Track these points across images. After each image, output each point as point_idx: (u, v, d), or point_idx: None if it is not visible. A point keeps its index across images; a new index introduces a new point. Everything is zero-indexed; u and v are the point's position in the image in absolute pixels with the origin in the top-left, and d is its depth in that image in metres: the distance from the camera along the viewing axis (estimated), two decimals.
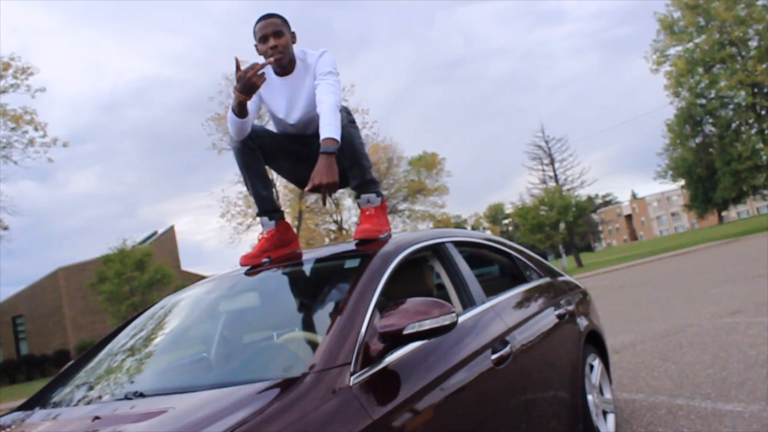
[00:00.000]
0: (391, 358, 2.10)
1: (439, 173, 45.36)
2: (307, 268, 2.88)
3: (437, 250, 2.99)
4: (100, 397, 2.26)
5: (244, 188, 32.05)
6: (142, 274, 29.06)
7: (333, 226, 41.41)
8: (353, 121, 2.98)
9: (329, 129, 2.71)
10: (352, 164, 2.99)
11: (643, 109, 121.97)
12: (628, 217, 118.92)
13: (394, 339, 2.05)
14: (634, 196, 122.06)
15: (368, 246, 2.75)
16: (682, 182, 46.83)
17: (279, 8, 3.06)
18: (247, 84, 2.71)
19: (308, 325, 2.60)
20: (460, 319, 2.63)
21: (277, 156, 3.16)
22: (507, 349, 2.69)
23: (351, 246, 2.88)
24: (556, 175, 48.32)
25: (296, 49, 3.10)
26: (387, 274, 2.47)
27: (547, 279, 3.85)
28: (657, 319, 8.66)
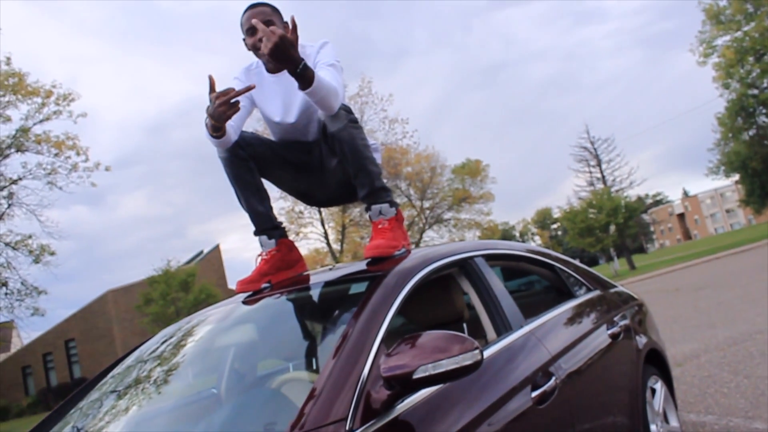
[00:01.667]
0: (401, 407, 1.67)
1: (484, 180, 44.62)
2: (311, 295, 2.47)
3: (465, 267, 2.55)
4: None
5: (285, 203, 31.95)
6: (187, 295, 29.11)
7: None
8: (355, 121, 2.57)
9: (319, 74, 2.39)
10: (357, 170, 2.58)
11: (690, 105, 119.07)
12: (681, 216, 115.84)
13: (403, 384, 1.63)
14: (685, 194, 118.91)
15: (382, 265, 2.33)
16: (737, 177, 45.11)
17: (318, 22, 2.62)
18: (216, 114, 2.33)
19: (309, 365, 2.20)
20: (494, 349, 2.20)
21: (274, 166, 2.77)
22: (551, 382, 2.24)
23: (363, 266, 2.47)
24: (603, 177, 47.24)
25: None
26: (399, 299, 2.04)
27: (596, 292, 3.36)
28: (720, 325, 8.00)
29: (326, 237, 35.21)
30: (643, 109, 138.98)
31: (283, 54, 2.22)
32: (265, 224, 2.72)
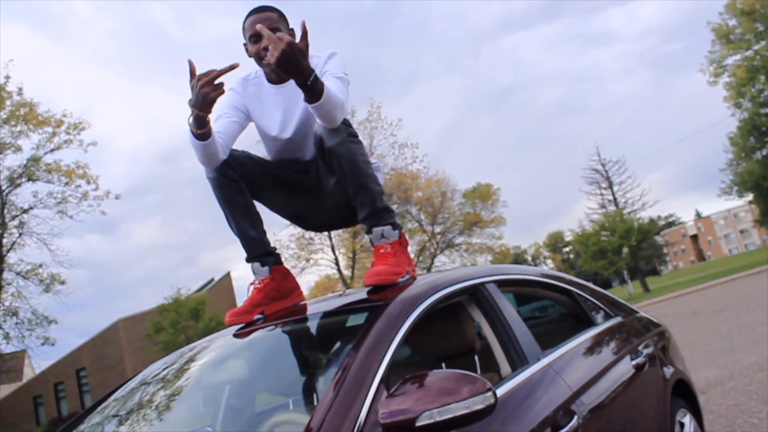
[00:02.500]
0: None
1: (495, 204, 44.40)
2: (308, 327, 2.27)
3: (475, 294, 2.34)
4: None
5: (295, 230, 31.81)
6: (198, 323, 28.87)
7: None
8: (354, 135, 2.38)
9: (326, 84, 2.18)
10: (357, 189, 2.38)
11: (701, 125, 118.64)
12: (694, 238, 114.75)
13: None
14: (698, 215, 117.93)
15: (384, 293, 2.13)
16: (750, 197, 44.67)
17: (336, 50, 2.44)
18: (200, 97, 2.14)
19: (303, 404, 1.99)
20: (509, 386, 1.98)
21: (267, 187, 2.57)
22: (573, 422, 2.01)
23: (363, 294, 2.27)
24: (615, 199, 46.87)
25: None
26: (402, 331, 1.85)
27: (617, 318, 3.12)
28: (743, 350, 7.70)
29: (337, 263, 35.00)
30: (653, 131, 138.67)
31: (291, 64, 2.03)
32: (258, 250, 2.53)
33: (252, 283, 2.50)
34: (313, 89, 2.09)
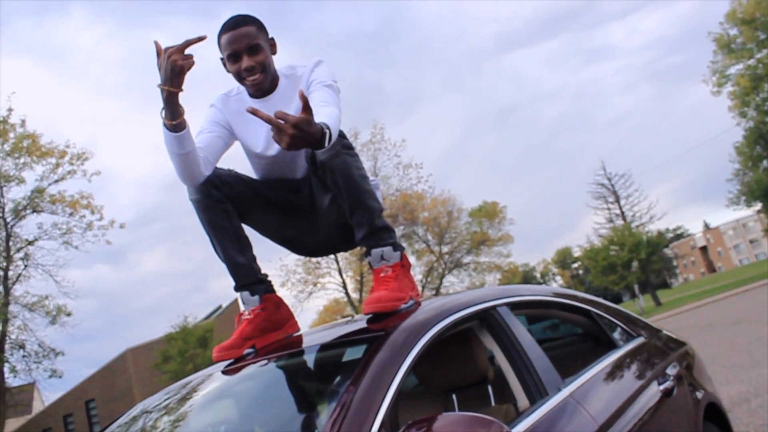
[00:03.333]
0: None
1: (502, 222, 44.11)
2: (303, 361, 2.07)
3: (487, 319, 2.13)
4: None
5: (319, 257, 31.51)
6: (206, 351, 28.60)
7: None
8: (349, 147, 2.18)
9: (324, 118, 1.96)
10: (353, 207, 2.18)
11: (706, 136, 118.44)
12: (703, 249, 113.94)
13: None
14: (706, 226, 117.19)
15: (385, 322, 1.93)
16: (759, 207, 44.29)
17: (336, 73, 2.24)
18: (168, 67, 1.95)
19: None
20: (528, 423, 1.77)
21: (256, 209, 2.37)
22: None
23: (364, 323, 2.06)
24: (623, 213, 46.58)
25: (278, 63, 2.36)
26: (406, 364, 1.66)
27: (640, 339, 2.90)
28: (766, 364, 7.42)
29: (344, 287, 34.72)
30: (658, 143, 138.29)
31: (303, 141, 1.82)
32: (247, 278, 2.32)
33: (241, 314, 2.30)
34: (324, 145, 1.90)
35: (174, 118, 2.04)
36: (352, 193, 2.14)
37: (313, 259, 32.82)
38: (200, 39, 1.99)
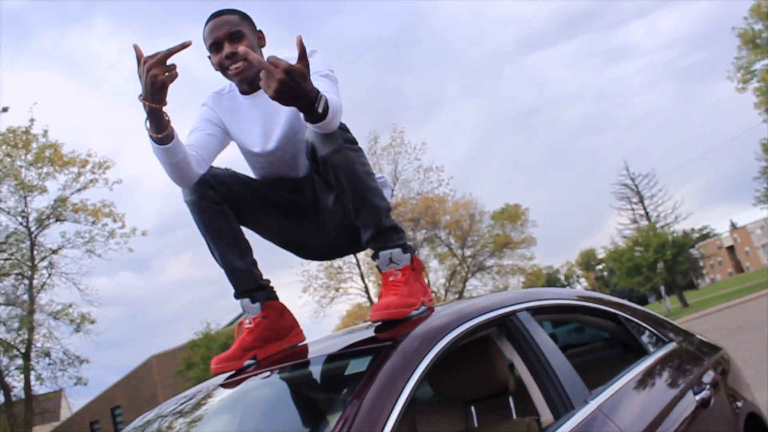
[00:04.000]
0: None
1: (524, 224, 43.73)
2: (308, 373, 1.92)
3: (506, 325, 1.97)
4: None
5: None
6: None
7: None
8: (352, 141, 2.02)
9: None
10: (358, 206, 2.01)
11: (731, 133, 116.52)
12: (730, 249, 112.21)
13: None
14: (733, 225, 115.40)
15: (395, 330, 1.78)
16: None
17: (351, 80, 2.07)
18: (148, 82, 1.80)
19: None
20: None
21: (256, 210, 2.22)
22: None
23: (372, 332, 1.91)
24: (647, 213, 45.99)
25: (268, 54, 2.21)
26: (416, 377, 1.51)
27: (672, 345, 2.71)
28: None
29: (367, 291, 34.56)
30: (682, 142, 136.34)
31: (294, 92, 1.69)
32: (247, 284, 2.17)
33: (241, 323, 2.15)
34: (319, 113, 1.77)
35: (160, 131, 1.91)
36: (356, 191, 1.98)
37: (335, 264, 32.73)
38: (184, 46, 1.83)
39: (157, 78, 1.79)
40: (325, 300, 33.42)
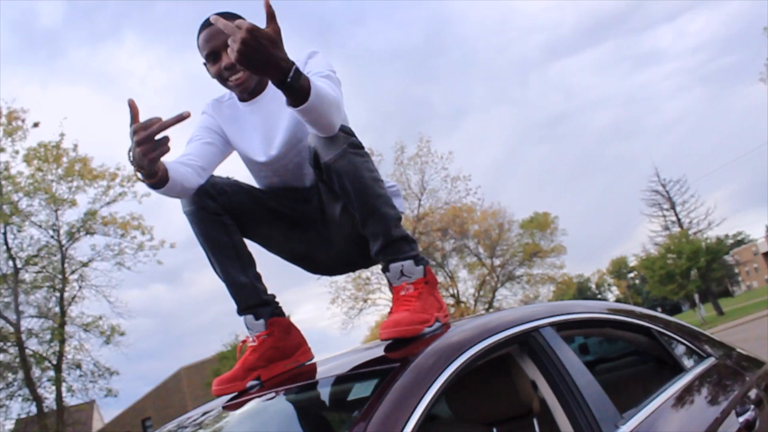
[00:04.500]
0: None
1: (554, 233, 43.32)
2: (316, 395, 1.79)
3: (528, 342, 1.81)
4: None
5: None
6: None
7: (450, 300, 39.95)
8: (358, 146, 1.88)
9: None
10: (365, 215, 1.87)
11: (764, 137, 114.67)
12: (767, 255, 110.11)
13: None
14: None
15: (406, 349, 1.64)
16: None
17: (379, 90, 1.95)
18: (137, 156, 1.67)
19: None
20: None
21: (259, 221, 2.09)
22: None
23: (381, 351, 1.76)
24: (679, 220, 45.31)
25: None
26: (427, 399, 1.38)
27: (711, 360, 2.52)
28: None
29: None
30: (713, 147, 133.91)
31: (259, 57, 1.54)
32: (250, 299, 2.03)
33: (244, 341, 2.02)
34: (295, 87, 1.61)
35: (151, 177, 1.80)
36: (363, 200, 1.84)
37: (363, 275, 32.63)
38: (182, 118, 1.68)
39: (146, 155, 1.65)
40: (353, 311, 33.43)
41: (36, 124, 23.28)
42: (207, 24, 2.05)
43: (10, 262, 22.94)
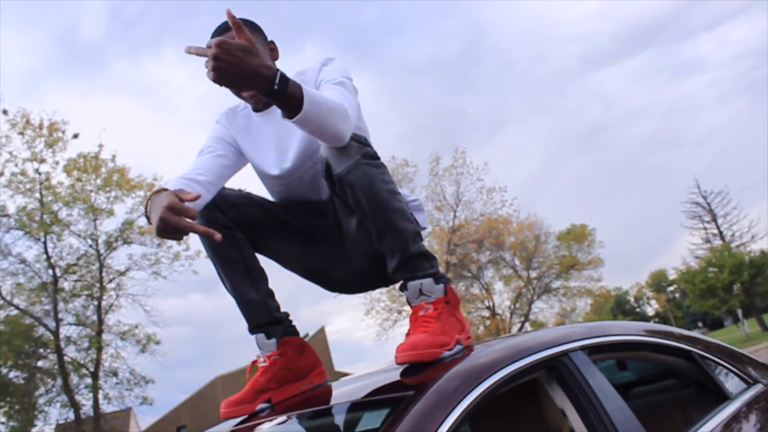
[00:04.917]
0: None
1: (591, 245, 42.59)
2: (330, 420, 1.67)
3: (557, 368, 1.68)
4: None
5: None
6: None
7: (485, 312, 39.52)
8: (373, 156, 1.77)
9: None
10: (381, 230, 1.76)
11: None
12: None
13: None
14: None
15: (423, 374, 1.52)
16: None
17: (414, 101, 1.84)
18: (156, 223, 1.50)
19: None
20: None
21: (272, 235, 1.99)
22: None
23: (401, 375, 1.65)
24: (721, 232, 44.29)
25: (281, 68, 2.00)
26: (448, 424, 1.28)
27: (758, 387, 2.34)
28: None
29: None
30: (757, 157, 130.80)
31: (235, 69, 1.46)
32: (261, 317, 1.93)
33: (255, 361, 1.92)
34: (284, 94, 1.51)
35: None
36: (378, 213, 1.73)
37: (397, 286, 32.47)
38: (195, 197, 1.59)
39: (167, 222, 1.49)
40: (387, 323, 33.24)
41: (75, 136, 23.73)
42: (217, 32, 1.96)
43: (50, 271, 23.33)
